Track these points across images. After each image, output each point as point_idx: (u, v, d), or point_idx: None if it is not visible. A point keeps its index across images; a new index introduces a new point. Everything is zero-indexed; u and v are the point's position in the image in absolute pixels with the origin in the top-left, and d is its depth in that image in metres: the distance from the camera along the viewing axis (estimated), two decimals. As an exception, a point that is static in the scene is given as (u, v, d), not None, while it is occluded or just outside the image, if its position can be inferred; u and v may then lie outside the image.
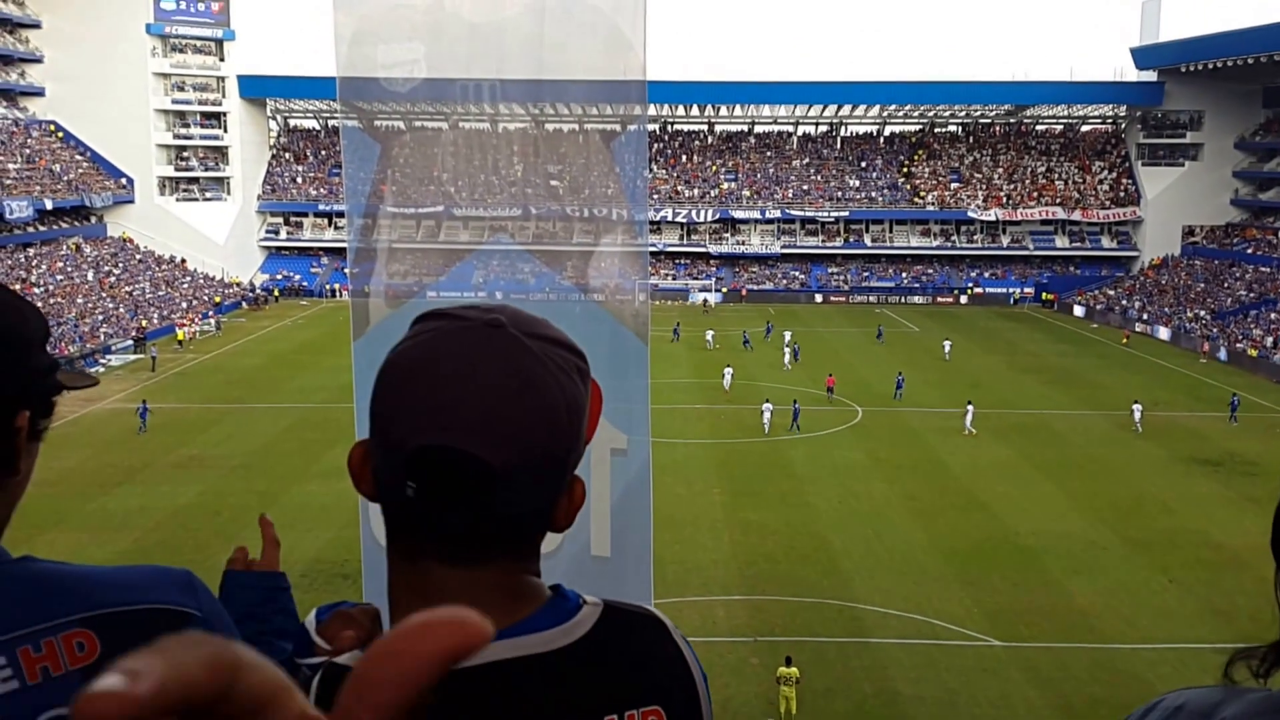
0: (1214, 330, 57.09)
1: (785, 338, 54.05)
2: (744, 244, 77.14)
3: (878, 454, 34.32)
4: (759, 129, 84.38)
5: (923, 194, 78.03)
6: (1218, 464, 33.64)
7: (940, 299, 73.22)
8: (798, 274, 76.27)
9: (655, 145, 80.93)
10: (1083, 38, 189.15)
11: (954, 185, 78.56)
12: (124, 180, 69.35)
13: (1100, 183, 77.48)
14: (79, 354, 48.56)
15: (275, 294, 71.24)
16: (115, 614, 1.25)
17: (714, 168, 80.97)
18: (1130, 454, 34.69)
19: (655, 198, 75.58)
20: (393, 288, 4.79)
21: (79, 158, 68.09)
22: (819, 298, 73.41)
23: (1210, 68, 67.48)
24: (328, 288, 71.71)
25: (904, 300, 73.27)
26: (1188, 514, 28.59)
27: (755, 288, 74.67)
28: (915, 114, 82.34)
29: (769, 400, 37.84)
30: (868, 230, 77.54)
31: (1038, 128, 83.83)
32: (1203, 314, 60.58)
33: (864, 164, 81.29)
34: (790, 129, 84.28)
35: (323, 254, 75.11)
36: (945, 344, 53.50)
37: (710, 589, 23.20)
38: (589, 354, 1.21)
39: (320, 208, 75.64)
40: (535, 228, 5.21)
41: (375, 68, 4.35)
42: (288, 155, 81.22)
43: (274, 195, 77.64)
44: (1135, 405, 38.62)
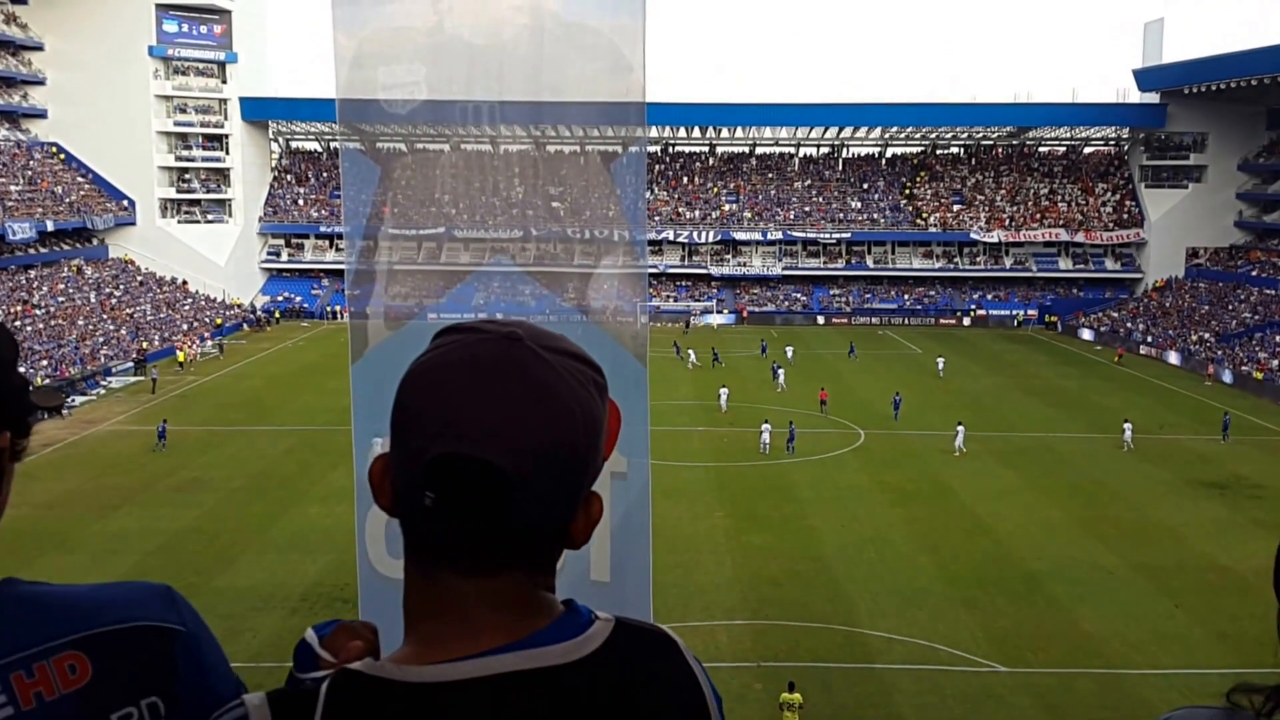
0: (1219, 353, 56.97)
1: (786, 353, 55.44)
2: (745, 265, 77.25)
3: (881, 477, 34.22)
4: (760, 150, 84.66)
5: (925, 215, 78.15)
6: (1223, 487, 33.50)
7: (943, 321, 73.20)
8: (799, 296, 76.31)
9: (657, 167, 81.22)
10: (1085, 59, 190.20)
11: (956, 207, 78.70)
12: (125, 202, 69.58)
13: (1104, 204, 77.58)
14: (80, 376, 48.55)
15: (276, 316, 71.33)
16: (104, 634, 1.24)
17: (715, 189, 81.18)
18: (1135, 477, 34.56)
19: (656, 219, 75.79)
20: (393, 309, 4.76)
21: (81, 180, 68.32)
22: (821, 319, 73.42)
23: (1213, 89, 67.59)
24: (329, 309, 71.78)
25: (906, 322, 73.23)
26: (1193, 538, 28.46)
27: (757, 309, 74.71)
28: (917, 136, 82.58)
29: (768, 421, 37.80)
30: (870, 252, 77.64)
31: (1040, 149, 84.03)
32: (1207, 336, 60.48)
33: (866, 185, 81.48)
34: (792, 150, 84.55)
35: (324, 276, 75.25)
36: (939, 361, 54.21)
37: (713, 613, 23.08)
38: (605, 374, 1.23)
39: (321, 229, 75.87)
40: (536, 249, 5.18)
41: (375, 89, 4.33)
42: (289, 177, 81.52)
43: (275, 217, 77.86)
44: (1125, 424, 38.94)
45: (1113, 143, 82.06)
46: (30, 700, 1.17)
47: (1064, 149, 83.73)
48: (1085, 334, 68.17)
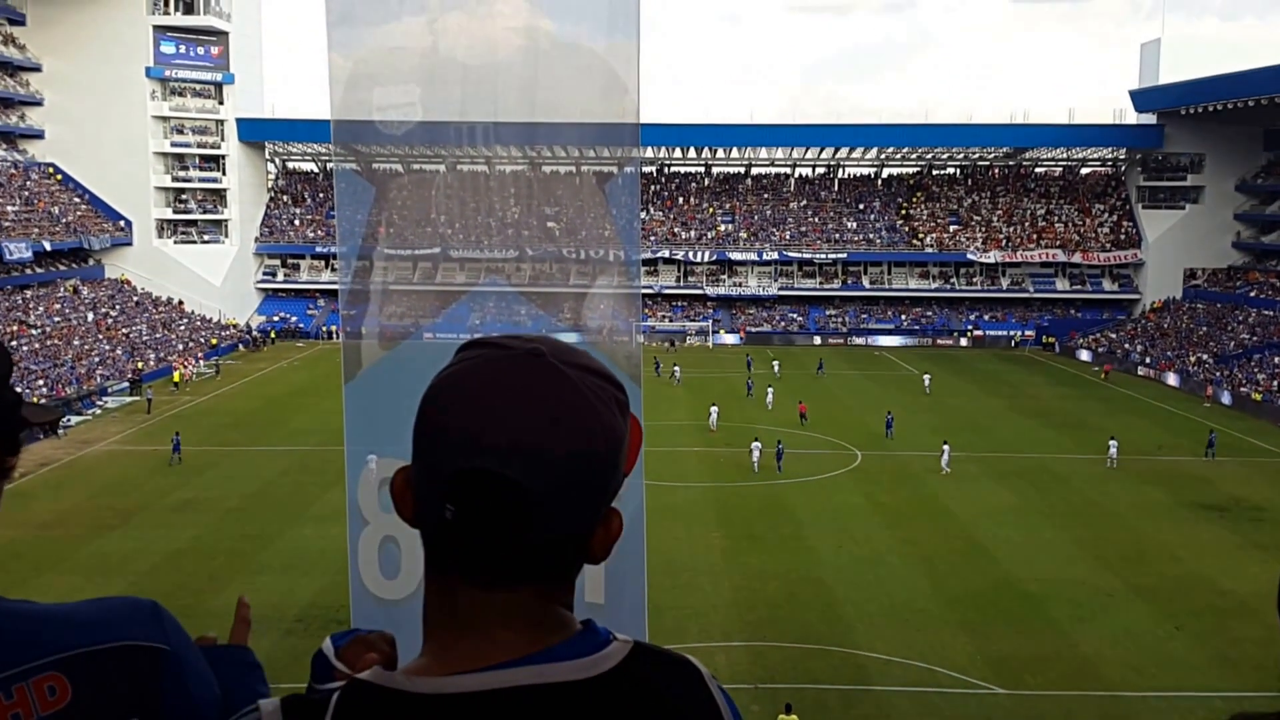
0: (1217, 374, 56.88)
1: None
2: (741, 286, 77.31)
3: (878, 497, 34.15)
4: (756, 171, 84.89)
5: (921, 236, 78.30)
6: (1223, 509, 33.36)
7: (940, 341, 73.19)
8: (795, 316, 76.36)
9: (652, 187, 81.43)
10: (1081, 81, 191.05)
11: (953, 227, 78.86)
12: (122, 223, 69.62)
13: (1100, 225, 77.74)
14: (75, 396, 48.44)
15: (272, 336, 71.30)
16: (85, 654, 1.22)
17: (711, 209, 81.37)
18: (1133, 499, 34.45)
19: (652, 239, 75.92)
20: (388, 329, 4.75)
21: (77, 200, 68.38)
22: (817, 340, 73.38)
23: (1210, 110, 67.66)
24: (324, 329, 71.77)
25: (903, 342, 73.13)
26: (1193, 560, 28.31)
27: (754, 329, 74.73)
28: (913, 156, 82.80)
29: (758, 439, 37.73)
30: (866, 272, 77.75)
31: (1037, 170, 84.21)
32: (1205, 358, 60.37)
33: (862, 206, 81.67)
34: (787, 171, 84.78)
35: (319, 296, 75.31)
36: (925, 378, 54.79)
37: (710, 634, 22.96)
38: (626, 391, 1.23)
39: (317, 249, 75.97)
40: (531, 269, 5.18)
41: (370, 110, 4.34)
42: (285, 198, 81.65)
43: (271, 237, 77.95)
44: (1111, 441, 39.05)
45: (1110, 163, 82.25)
46: None
47: (1061, 169, 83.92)
48: (1083, 355, 68.12)
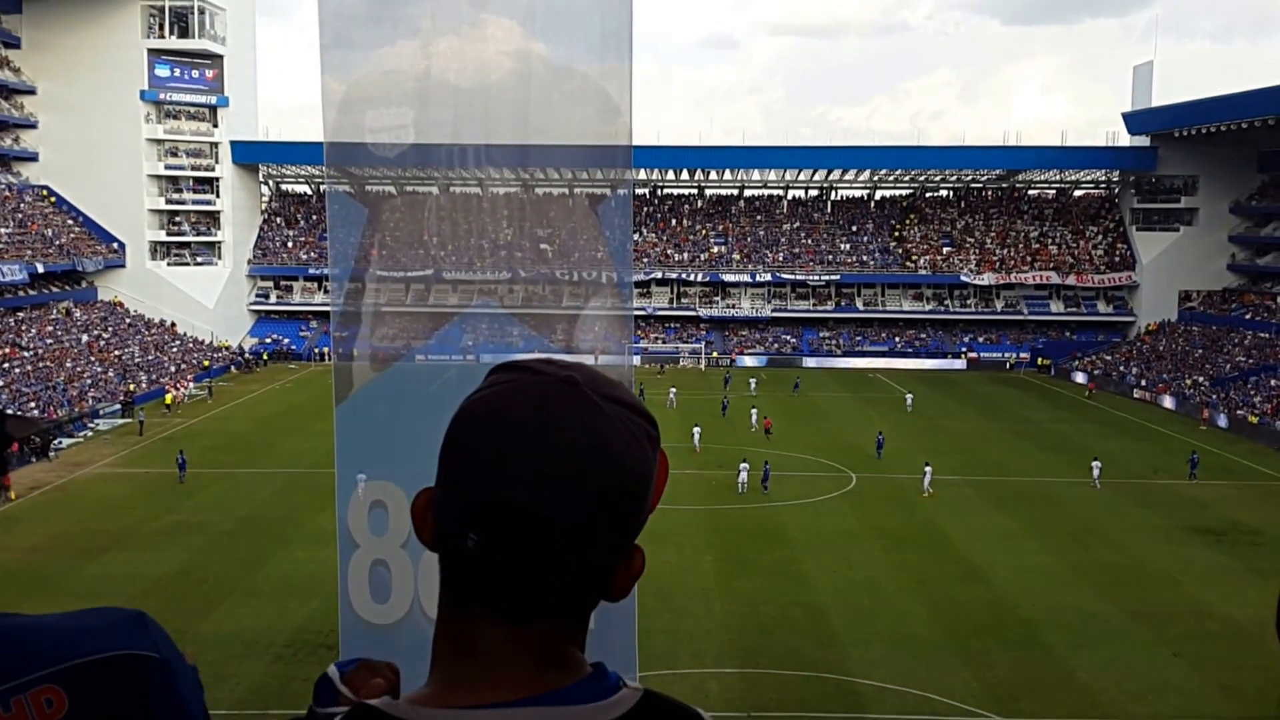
0: (1213, 397, 56.84)
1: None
2: (734, 307, 77.40)
3: (873, 521, 34.04)
4: (749, 193, 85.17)
5: (915, 258, 78.49)
6: (1220, 534, 33.22)
7: (934, 363, 73.22)
8: (789, 338, 76.43)
9: (645, 209, 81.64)
10: (1074, 102, 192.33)
11: (946, 249, 79.07)
12: (115, 245, 69.59)
13: (1095, 247, 77.94)
14: (67, 418, 48.25)
15: (264, 358, 71.20)
16: (80, 666, 1.20)
17: (704, 231, 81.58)
18: (1130, 523, 34.33)
19: (645, 261, 76.05)
20: (380, 351, 4.74)
21: (70, 222, 68.34)
22: (811, 362, 73.42)
23: (1204, 132, 67.80)
24: (316, 351, 71.70)
25: (897, 365, 73.02)
26: (1191, 585, 28.15)
27: (747, 351, 74.76)
28: (906, 178, 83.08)
29: (745, 460, 37.70)
30: (859, 294, 77.90)
31: (1030, 192, 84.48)
32: (1201, 380, 60.29)
33: (855, 228, 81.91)
34: (780, 193, 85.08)
35: (312, 317, 75.24)
36: (908, 397, 55.15)
37: (702, 660, 22.79)
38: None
39: (310, 271, 75.94)
40: (524, 291, 5.17)
41: (363, 133, 4.35)
42: (279, 219, 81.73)
43: (264, 259, 77.98)
44: (1095, 463, 39.18)
45: (1103, 185, 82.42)
46: None
47: (1054, 192, 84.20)
48: (1078, 377, 68.05)
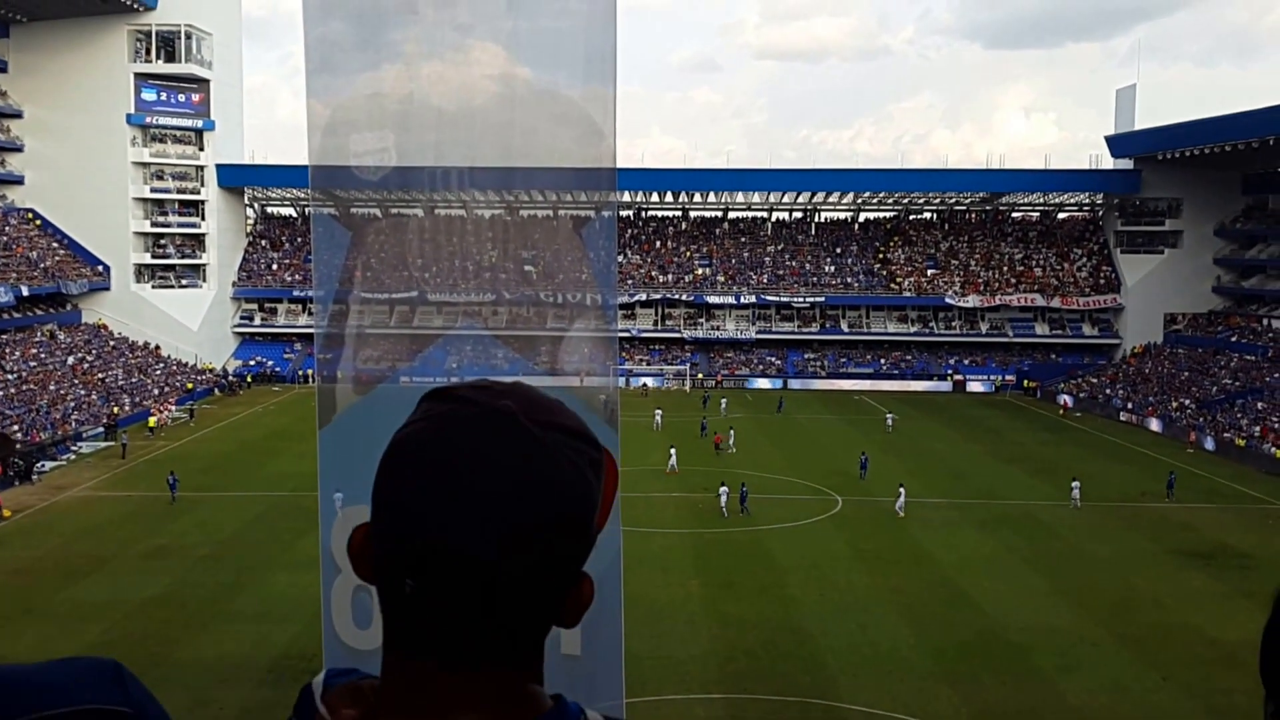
0: (1200, 420, 56.97)
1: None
2: (719, 329, 77.51)
3: (859, 544, 33.95)
4: (733, 215, 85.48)
5: (899, 280, 78.78)
6: (1209, 557, 33.13)
7: (920, 385, 73.40)
8: (774, 359, 76.55)
9: (630, 231, 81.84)
10: (1058, 125, 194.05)
11: (930, 271, 79.39)
12: (100, 268, 69.38)
13: (1079, 270, 78.32)
14: (51, 441, 47.90)
15: (248, 380, 70.91)
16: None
17: (688, 253, 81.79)
18: (1118, 546, 34.30)
19: (629, 283, 76.16)
20: (364, 373, 4.73)
21: (56, 245, 68.12)
22: (796, 384, 73.52)
23: (1187, 155, 68.26)
24: (301, 374, 71.48)
25: (881, 387, 73.18)
26: (1180, 609, 28.06)
27: (729, 373, 74.84)
28: (890, 201, 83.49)
29: (724, 484, 37.64)
30: (844, 316, 78.12)
31: (1014, 215, 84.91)
32: (1188, 403, 60.41)
33: (839, 250, 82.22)
34: (764, 215, 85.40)
35: (296, 340, 75.05)
36: (889, 417, 55.62)
37: (689, 686, 22.62)
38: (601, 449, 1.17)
39: (295, 293, 75.77)
40: (508, 313, 5.18)
41: (347, 156, 4.35)
42: (264, 242, 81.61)
43: (249, 282, 77.80)
44: (1074, 483, 39.45)
45: (1087, 208, 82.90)
46: None
47: (1038, 215, 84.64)
48: (1065, 400, 68.11)
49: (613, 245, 4.72)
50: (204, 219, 74.01)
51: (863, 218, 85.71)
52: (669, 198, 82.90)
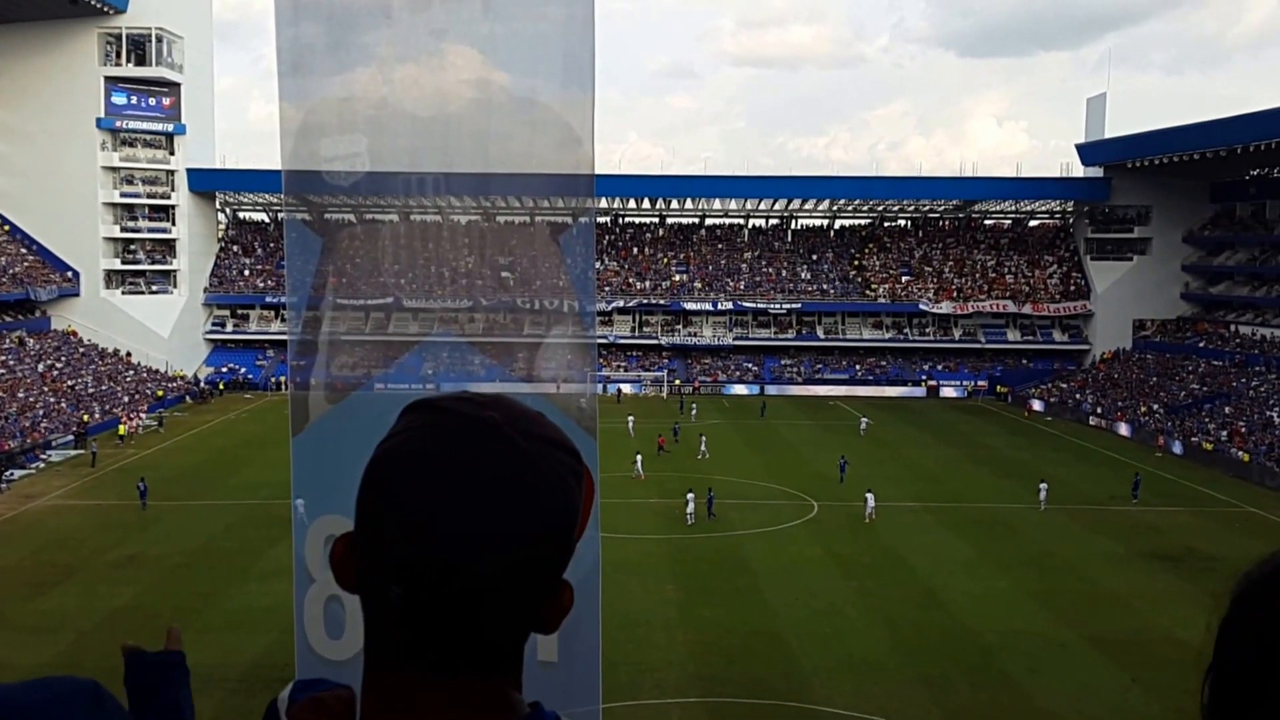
0: (1168, 424, 57.57)
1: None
2: (696, 336, 77.64)
3: (834, 548, 34.08)
4: (710, 221, 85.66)
5: (874, 286, 79.22)
6: (1177, 559, 33.47)
7: (895, 391, 73.76)
8: (750, 366, 76.73)
9: (607, 237, 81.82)
10: (1029, 133, 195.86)
11: (905, 278, 79.89)
12: (70, 274, 68.62)
13: (1050, 276, 79.05)
14: (19, 449, 47.30)
15: (220, 387, 70.31)
16: None
17: (665, 260, 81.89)
18: (1087, 549, 34.62)
19: (607, 289, 76.14)
20: (337, 380, 4.67)
21: (24, 251, 67.34)
22: (772, 389, 73.70)
23: (1156, 163, 69.03)
24: (273, 381, 70.93)
25: (857, 393, 73.51)
26: (1148, 611, 28.32)
27: (708, 379, 74.95)
28: (865, 208, 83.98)
29: (692, 490, 37.61)
30: (820, 322, 78.43)
31: (986, 222, 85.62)
32: (1156, 408, 61.07)
33: (815, 256, 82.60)
34: (741, 222, 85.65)
35: (269, 347, 74.49)
36: (862, 421, 55.92)
37: (665, 691, 22.65)
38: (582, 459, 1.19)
39: (267, 300, 75.29)
40: (485, 320, 5.13)
41: (319, 161, 4.30)
42: (235, 248, 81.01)
43: (221, 288, 77.18)
44: (1042, 485, 40.01)
45: (1058, 216, 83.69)
46: None
47: (1010, 222, 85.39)
48: (1036, 405, 68.82)
49: (591, 252, 4.68)
50: (175, 224, 73.37)
51: (838, 225, 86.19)
52: (646, 204, 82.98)
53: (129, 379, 64.43)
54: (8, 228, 67.85)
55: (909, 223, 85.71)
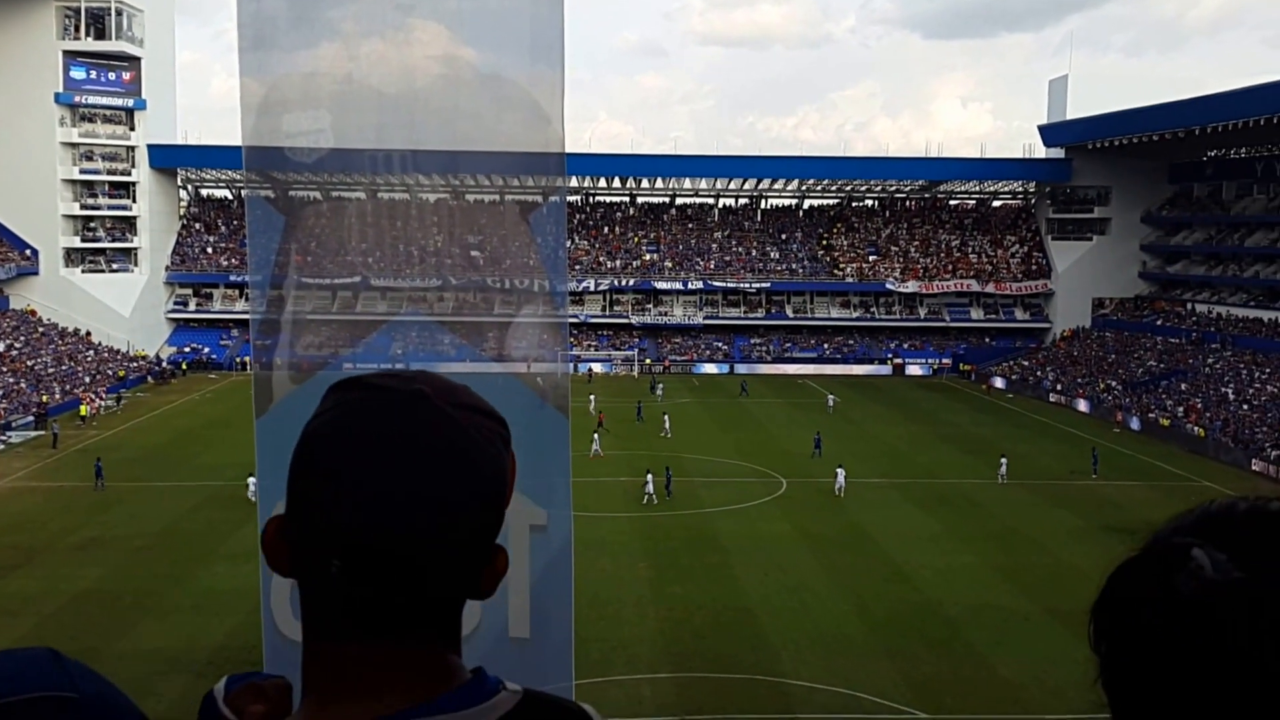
0: (1126, 400, 58.48)
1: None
2: (666, 315, 77.70)
3: (803, 525, 34.34)
4: (680, 201, 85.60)
5: (842, 266, 79.59)
6: (1135, 533, 33.22)
7: (862, 369, 74.24)
8: (720, 345, 76.92)
9: (577, 216, 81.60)
10: (993, 115, 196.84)
11: (872, 258, 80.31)
12: (28, 252, 67.52)
13: (1012, 256, 79.82)
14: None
15: (183, 367, 69.52)
16: None
17: (636, 239, 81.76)
18: (1049, 523, 35.13)
19: (578, 268, 75.96)
20: (303, 360, 4.61)
21: (-18, 229, 66.21)
22: (742, 368, 73.94)
23: (1116, 144, 69.94)
24: (238, 361, 70.23)
25: (825, 371, 73.92)
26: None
27: (679, 358, 75.08)
28: (833, 188, 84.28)
29: (650, 470, 37.64)
30: (789, 301, 78.71)
31: (951, 202, 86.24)
32: (1115, 385, 62.00)
33: (784, 236, 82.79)
34: (711, 201, 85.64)
35: (233, 326, 73.68)
36: (829, 398, 56.66)
37: (636, 667, 22.79)
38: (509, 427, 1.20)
39: (231, 278, 74.29)
40: (455, 299, 5.08)
41: (280, 137, 4.22)
42: (198, 225, 79.93)
43: (183, 266, 76.19)
44: (1002, 459, 40.82)
45: (1020, 196, 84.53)
46: None
47: (974, 202, 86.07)
48: (998, 382, 69.59)
49: (562, 231, 4.64)
50: (135, 201, 72.26)
51: (807, 204, 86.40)
52: (616, 183, 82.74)
53: (90, 359, 63.59)
54: (-36, 205, 66.61)
55: (876, 203, 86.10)
